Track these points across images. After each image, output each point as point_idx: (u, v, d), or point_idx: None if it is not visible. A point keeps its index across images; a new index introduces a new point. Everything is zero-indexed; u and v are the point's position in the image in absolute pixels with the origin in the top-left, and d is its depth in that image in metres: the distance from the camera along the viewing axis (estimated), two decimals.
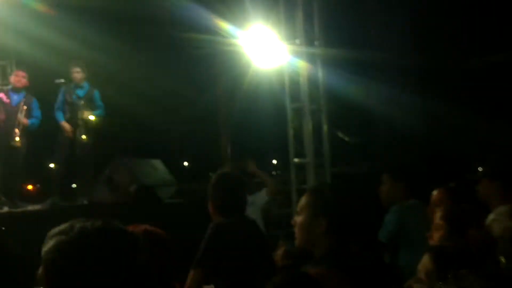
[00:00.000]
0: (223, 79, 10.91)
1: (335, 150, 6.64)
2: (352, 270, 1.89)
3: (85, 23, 7.99)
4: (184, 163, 19.36)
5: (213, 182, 3.25)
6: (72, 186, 8.43)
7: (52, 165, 8.11)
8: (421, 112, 9.96)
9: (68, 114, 6.97)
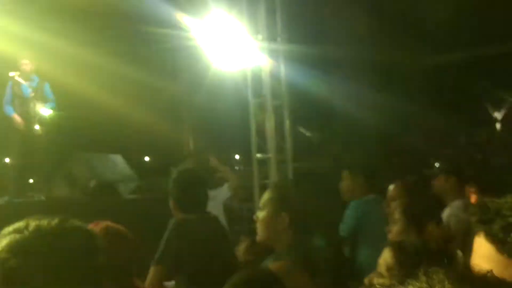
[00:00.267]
0: (185, 73, 10.84)
1: (297, 146, 6.68)
2: (312, 265, 1.90)
3: (46, 14, 7.75)
4: (145, 158, 19.12)
5: (173, 178, 3.22)
6: (28, 181, 8.21)
7: (7, 159, 7.88)
8: (381, 108, 10.14)
9: (18, 108, 6.78)
